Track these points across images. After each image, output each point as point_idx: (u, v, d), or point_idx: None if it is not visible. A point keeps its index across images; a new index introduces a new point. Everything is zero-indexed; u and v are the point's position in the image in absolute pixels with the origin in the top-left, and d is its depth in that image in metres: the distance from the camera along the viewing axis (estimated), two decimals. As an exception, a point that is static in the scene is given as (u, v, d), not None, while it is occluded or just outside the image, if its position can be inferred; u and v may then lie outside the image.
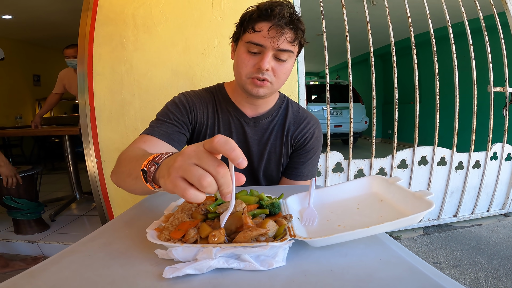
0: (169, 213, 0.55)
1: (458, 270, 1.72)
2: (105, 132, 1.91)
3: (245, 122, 0.96)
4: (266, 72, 0.81)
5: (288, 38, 0.78)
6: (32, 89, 6.14)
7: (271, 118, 0.98)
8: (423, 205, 0.47)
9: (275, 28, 0.76)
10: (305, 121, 1.00)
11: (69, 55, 2.74)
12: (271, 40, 0.77)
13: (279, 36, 0.77)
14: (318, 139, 1.01)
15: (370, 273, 0.39)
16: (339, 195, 0.65)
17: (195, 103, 0.93)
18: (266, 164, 0.99)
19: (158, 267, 0.40)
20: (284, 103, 1.02)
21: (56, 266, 0.42)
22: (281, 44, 0.78)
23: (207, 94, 0.98)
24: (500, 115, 2.42)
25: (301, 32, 0.81)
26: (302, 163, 0.99)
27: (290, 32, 0.78)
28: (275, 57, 0.80)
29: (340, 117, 6.18)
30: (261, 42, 0.78)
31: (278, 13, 0.76)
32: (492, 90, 2.35)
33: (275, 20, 0.76)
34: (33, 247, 2.07)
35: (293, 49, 0.82)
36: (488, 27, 2.36)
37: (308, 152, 0.99)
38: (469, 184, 2.37)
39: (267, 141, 0.97)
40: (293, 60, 0.85)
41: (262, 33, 0.77)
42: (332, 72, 10.93)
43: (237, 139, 0.96)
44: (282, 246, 0.42)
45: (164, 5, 1.88)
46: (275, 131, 0.98)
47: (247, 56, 0.81)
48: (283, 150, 0.98)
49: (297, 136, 0.98)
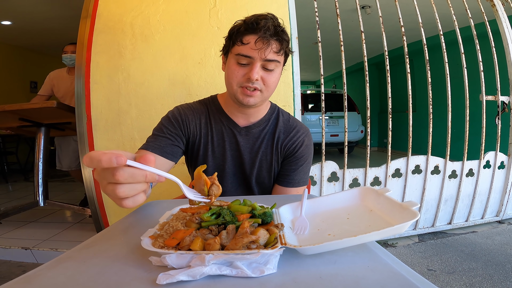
0: (164, 221, 0.56)
1: (453, 276, 1.73)
2: (102, 141, 1.92)
3: (237, 131, 1.00)
4: (255, 81, 0.85)
5: (274, 48, 0.84)
6: (28, 96, 6.12)
7: (262, 127, 1.02)
8: (408, 215, 0.49)
9: (261, 40, 0.82)
10: (295, 129, 1.03)
11: (68, 50, 2.72)
12: (258, 51, 0.82)
13: (266, 47, 0.82)
14: (308, 147, 1.04)
15: (357, 280, 0.40)
16: (330, 205, 0.66)
17: (187, 116, 0.99)
18: (258, 171, 1.03)
19: (152, 273, 0.41)
20: (274, 112, 1.06)
21: (52, 271, 0.43)
22: (268, 55, 0.83)
23: (201, 105, 1.03)
24: (493, 124, 2.46)
25: (285, 42, 0.86)
26: (293, 170, 1.02)
27: (276, 43, 0.84)
28: (263, 67, 0.86)
29: (336, 126, 6.22)
30: (249, 54, 0.83)
31: (263, 26, 0.81)
32: (484, 99, 2.39)
33: (261, 33, 0.81)
34: (27, 253, 2.06)
35: (279, 58, 0.87)
36: (480, 35, 2.42)
37: (299, 159, 1.02)
38: (463, 192, 2.40)
39: (258, 149, 1.01)
40: (280, 69, 0.91)
41: (249, 45, 0.83)
42: (329, 81, 11.04)
43: (229, 148, 1.01)
44: (273, 254, 0.44)
45: (162, 14, 1.91)
46: (266, 139, 1.02)
47: (237, 67, 0.87)
48: (274, 158, 1.02)
49: (287, 144, 1.02)
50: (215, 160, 1.01)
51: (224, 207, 0.57)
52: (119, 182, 0.43)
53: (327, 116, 6.16)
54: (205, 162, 1.00)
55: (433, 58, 2.59)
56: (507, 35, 2.46)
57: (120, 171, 0.43)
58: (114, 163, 0.41)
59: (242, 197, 0.67)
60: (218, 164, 1.01)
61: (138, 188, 0.46)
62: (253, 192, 1.06)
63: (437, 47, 2.44)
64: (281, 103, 1.97)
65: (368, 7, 4.17)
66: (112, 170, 0.43)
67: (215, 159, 1.01)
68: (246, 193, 1.06)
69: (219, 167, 1.02)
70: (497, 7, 2.49)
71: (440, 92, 3.11)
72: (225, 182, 1.03)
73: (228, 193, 1.04)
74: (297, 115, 2.01)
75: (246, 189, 1.06)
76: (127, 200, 0.47)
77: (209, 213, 0.54)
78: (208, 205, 0.57)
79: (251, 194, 1.06)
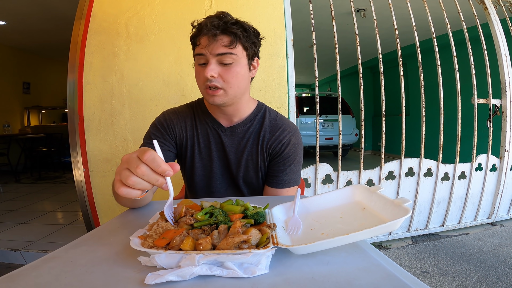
0: (154, 221, 0.55)
1: (446, 278, 1.73)
2: (94, 142, 1.90)
3: (222, 132, 1.01)
4: (213, 79, 0.87)
5: (224, 42, 0.85)
6: (21, 97, 6.06)
7: (247, 127, 1.01)
8: (400, 212, 0.49)
9: (208, 37, 0.85)
10: (281, 128, 1.01)
11: None
12: (207, 48, 0.85)
13: (213, 42, 0.85)
14: (296, 146, 1.02)
15: (350, 280, 0.40)
16: (323, 204, 0.66)
17: (172, 120, 1.01)
18: (245, 172, 1.02)
19: (141, 274, 0.41)
20: (261, 111, 1.04)
21: (36, 271, 0.42)
22: (217, 49, 0.85)
23: (187, 109, 1.05)
24: (485, 127, 2.48)
25: (236, 35, 0.86)
26: (281, 171, 1.01)
27: (224, 37, 0.85)
28: (220, 63, 0.87)
29: (331, 129, 6.25)
30: (202, 52, 0.86)
31: (207, 24, 0.85)
32: (476, 102, 2.42)
33: (208, 30, 0.84)
34: (16, 255, 2.02)
35: (234, 51, 0.87)
36: (472, 39, 2.45)
37: (286, 159, 1.00)
38: (455, 195, 2.42)
39: (243, 149, 1.01)
40: (241, 63, 0.90)
41: (201, 45, 0.86)
42: (324, 84, 11.10)
43: (215, 148, 1.01)
44: (265, 254, 0.43)
45: (157, 15, 1.91)
46: (251, 139, 1.01)
47: (198, 69, 0.90)
48: (259, 158, 1.01)
49: (273, 144, 1.00)
50: (203, 161, 1.02)
51: (217, 207, 0.56)
52: (137, 174, 0.50)
53: (321, 119, 6.18)
54: (192, 163, 1.01)
55: (426, 62, 2.62)
56: (499, 38, 2.49)
57: (142, 167, 0.49)
58: (164, 173, 0.50)
59: (234, 198, 0.66)
60: (206, 165, 1.02)
61: (143, 185, 0.51)
62: (242, 193, 1.05)
63: (430, 50, 2.46)
64: (275, 105, 1.97)
65: (363, 10, 4.20)
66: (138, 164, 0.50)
67: (202, 160, 1.02)
68: (235, 193, 1.06)
69: (206, 168, 1.02)
70: (489, 10, 2.53)
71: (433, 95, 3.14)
72: (213, 183, 1.03)
73: (217, 194, 1.04)
74: (292, 117, 2.01)
75: (235, 189, 1.06)
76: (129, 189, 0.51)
77: (202, 212, 0.54)
78: (171, 228, 0.54)
79: (240, 194, 1.05)
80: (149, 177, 0.50)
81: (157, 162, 0.49)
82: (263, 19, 1.94)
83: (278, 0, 1.96)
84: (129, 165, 0.50)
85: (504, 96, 2.49)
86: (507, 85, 2.48)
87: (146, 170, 0.49)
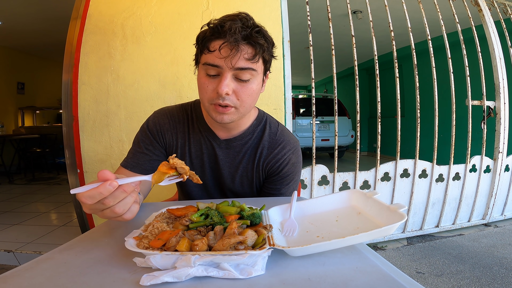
0: (149, 222, 0.55)
1: (441, 279, 1.74)
2: (88, 143, 1.88)
3: (216, 144, 0.90)
4: (226, 96, 0.73)
5: (246, 55, 0.71)
6: (15, 97, 6.00)
7: (245, 141, 0.91)
8: (396, 217, 0.50)
9: (228, 45, 0.69)
10: (281, 145, 0.90)
11: None
12: (225, 59, 0.69)
13: (234, 53, 0.69)
14: (295, 165, 0.92)
15: (346, 281, 0.40)
16: (319, 207, 0.66)
17: (162, 126, 0.91)
18: (239, 187, 0.94)
19: (136, 275, 0.40)
20: (261, 123, 0.93)
21: (30, 272, 0.41)
22: (237, 63, 0.70)
23: (181, 111, 0.94)
24: (479, 129, 2.51)
25: (261, 46, 0.72)
26: (277, 190, 0.92)
27: (248, 48, 0.71)
28: (236, 78, 0.73)
29: (327, 131, 6.27)
30: (216, 63, 0.71)
31: (229, 28, 0.68)
32: (470, 104, 2.44)
33: (228, 37, 0.68)
34: (9, 256, 2.00)
35: (255, 66, 0.73)
36: (466, 41, 2.47)
37: (284, 179, 0.91)
38: (450, 196, 2.43)
39: (238, 165, 0.91)
40: (258, 79, 0.77)
41: (216, 53, 0.70)
42: (320, 86, 11.14)
43: (208, 160, 0.92)
44: (261, 255, 0.43)
45: (154, 16, 1.90)
46: (247, 154, 0.91)
47: (206, 80, 0.74)
48: (255, 175, 0.92)
49: (270, 162, 0.90)
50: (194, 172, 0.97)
51: (213, 208, 0.56)
52: (110, 205, 0.51)
53: (318, 121, 6.20)
54: None
55: (421, 63, 2.64)
56: (493, 40, 2.52)
57: (108, 198, 0.50)
58: (111, 189, 0.50)
59: (230, 199, 0.66)
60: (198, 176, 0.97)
61: (129, 201, 0.53)
62: None
63: (425, 52, 2.48)
64: (272, 106, 1.97)
65: (360, 12, 4.23)
66: (101, 200, 0.50)
67: (194, 171, 0.93)
68: None
69: None
70: (484, 12, 2.56)
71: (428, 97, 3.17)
72: (207, 193, 0.97)
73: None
74: (288, 119, 2.01)
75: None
76: (126, 214, 0.54)
77: (198, 213, 0.53)
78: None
79: None
80: (118, 196, 0.52)
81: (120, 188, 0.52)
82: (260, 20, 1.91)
83: (275, 2, 1.96)
84: (97, 210, 0.53)
85: (498, 97, 2.52)
86: (501, 87, 2.50)
87: (110, 197, 0.51)
